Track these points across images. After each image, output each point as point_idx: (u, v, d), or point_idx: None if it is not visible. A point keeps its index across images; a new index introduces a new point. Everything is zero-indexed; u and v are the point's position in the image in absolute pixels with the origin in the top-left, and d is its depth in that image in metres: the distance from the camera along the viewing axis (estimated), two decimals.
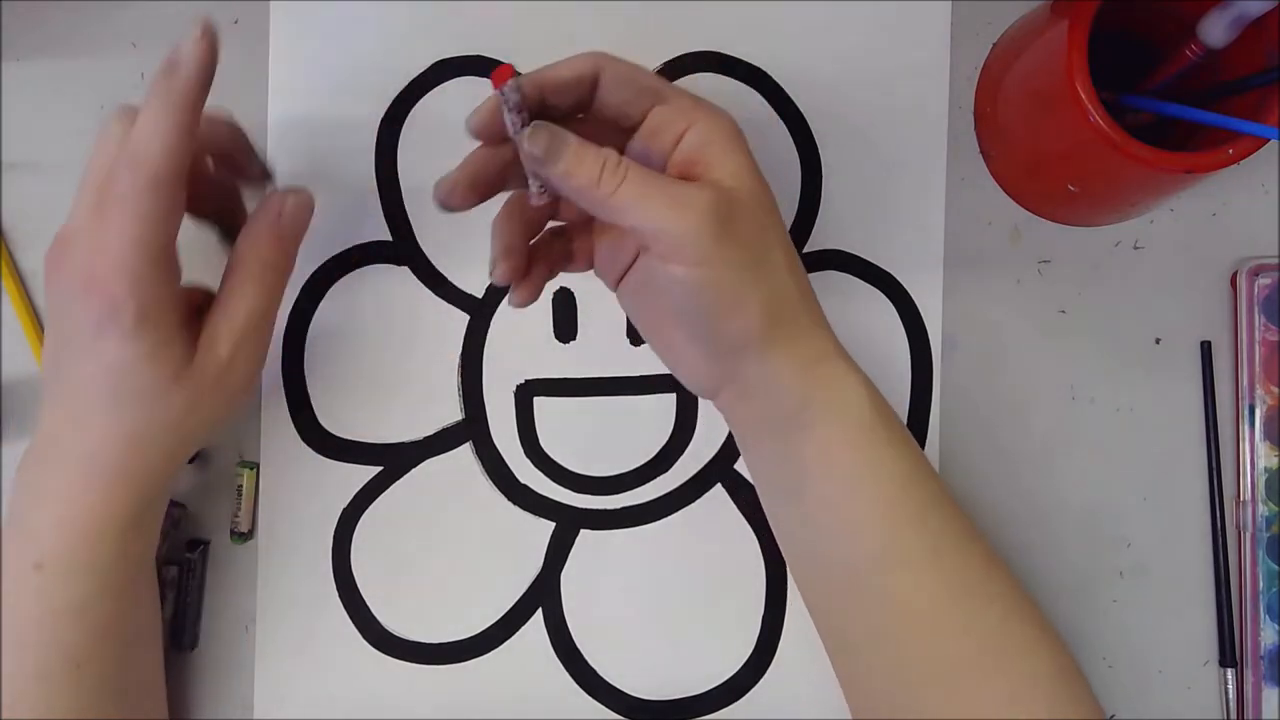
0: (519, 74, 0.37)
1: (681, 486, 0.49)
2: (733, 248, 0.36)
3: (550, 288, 0.49)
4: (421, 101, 0.48)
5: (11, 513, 0.40)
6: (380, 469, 0.49)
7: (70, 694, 0.39)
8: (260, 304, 0.41)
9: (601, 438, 0.49)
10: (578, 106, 0.39)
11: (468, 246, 0.49)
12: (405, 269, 0.49)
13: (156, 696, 0.44)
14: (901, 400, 0.49)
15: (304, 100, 0.48)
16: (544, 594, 0.49)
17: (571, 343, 0.49)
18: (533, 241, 0.42)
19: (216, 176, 0.44)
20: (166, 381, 0.39)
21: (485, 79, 0.48)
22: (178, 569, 0.47)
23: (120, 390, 0.38)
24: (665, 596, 0.49)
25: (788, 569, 0.48)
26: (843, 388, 0.40)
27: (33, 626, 0.39)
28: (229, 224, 0.44)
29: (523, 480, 0.49)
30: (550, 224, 0.43)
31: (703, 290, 0.37)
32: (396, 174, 0.48)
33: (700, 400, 0.49)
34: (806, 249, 0.49)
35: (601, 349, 0.49)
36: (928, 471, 0.41)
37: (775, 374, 0.39)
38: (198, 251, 0.43)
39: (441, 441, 0.49)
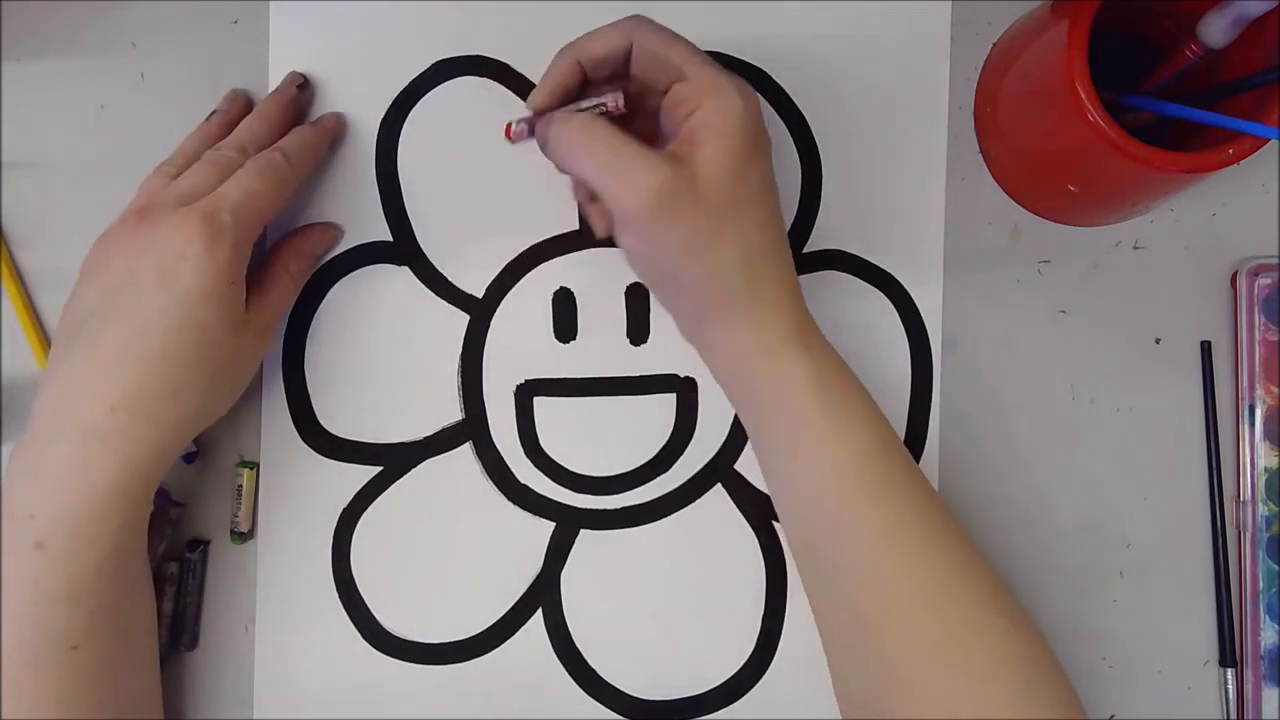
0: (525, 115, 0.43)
1: (681, 486, 0.49)
2: (670, 231, 0.39)
3: (550, 288, 0.49)
4: (421, 101, 0.48)
5: (8, 496, 0.40)
6: (380, 469, 0.49)
7: (67, 678, 0.39)
8: (291, 295, 0.47)
9: (601, 438, 0.49)
10: (615, 76, 0.43)
11: (468, 246, 0.49)
12: (405, 269, 0.49)
13: (152, 686, 0.45)
14: (901, 400, 0.49)
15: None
16: (544, 594, 0.49)
17: (571, 343, 0.49)
18: None
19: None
20: (228, 324, 0.41)
21: (485, 79, 0.48)
22: (178, 568, 0.47)
23: (186, 321, 0.40)
24: (665, 596, 0.49)
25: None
26: (770, 380, 0.41)
27: (29, 613, 0.39)
28: None
29: (523, 480, 0.49)
30: None
31: (635, 263, 0.42)
32: (396, 174, 0.48)
33: (700, 400, 0.49)
34: (806, 249, 0.49)
35: (601, 349, 0.49)
36: (876, 455, 0.41)
37: (710, 355, 0.43)
38: None
39: (441, 441, 0.49)
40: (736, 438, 0.49)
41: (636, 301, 0.49)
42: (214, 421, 0.44)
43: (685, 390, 0.49)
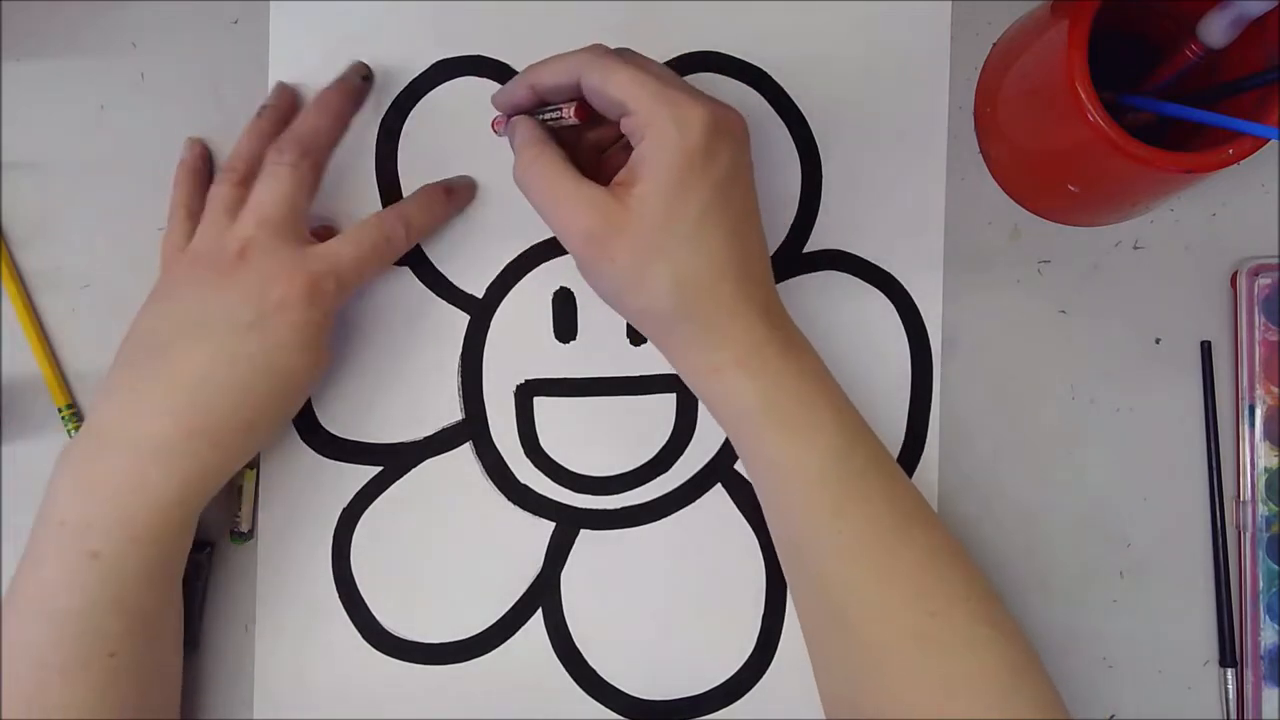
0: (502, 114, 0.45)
1: (681, 486, 0.49)
2: (605, 264, 0.40)
3: (550, 287, 0.49)
4: (421, 101, 0.48)
5: (55, 504, 0.41)
6: (380, 469, 0.49)
7: (97, 685, 0.40)
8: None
9: (601, 438, 0.49)
10: (574, 96, 0.42)
11: (468, 247, 0.49)
12: (405, 269, 0.49)
13: (173, 694, 0.45)
14: (901, 400, 0.49)
15: (304, 101, 0.48)
16: (544, 594, 0.49)
17: (571, 343, 0.49)
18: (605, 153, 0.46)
19: None
20: (311, 365, 0.43)
21: (485, 79, 0.48)
22: (186, 569, 0.47)
23: (275, 367, 0.42)
24: (665, 596, 0.49)
25: None
26: (720, 399, 0.42)
27: (75, 617, 0.39)
28: None
29: (523, 480, 0.49)
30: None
31: (594, 286, 0.42)
32: (396, 174, 0.48)
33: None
34: (806, 249, 0.49)
35: (601, 349, 0.49)
36: (840, 466, 0.41)
37: (678, 368, 0.43)
38: None
39: (441, 441, 0.49)
40: None
41: None
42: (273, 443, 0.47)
43: (685, 390, 0.49)
